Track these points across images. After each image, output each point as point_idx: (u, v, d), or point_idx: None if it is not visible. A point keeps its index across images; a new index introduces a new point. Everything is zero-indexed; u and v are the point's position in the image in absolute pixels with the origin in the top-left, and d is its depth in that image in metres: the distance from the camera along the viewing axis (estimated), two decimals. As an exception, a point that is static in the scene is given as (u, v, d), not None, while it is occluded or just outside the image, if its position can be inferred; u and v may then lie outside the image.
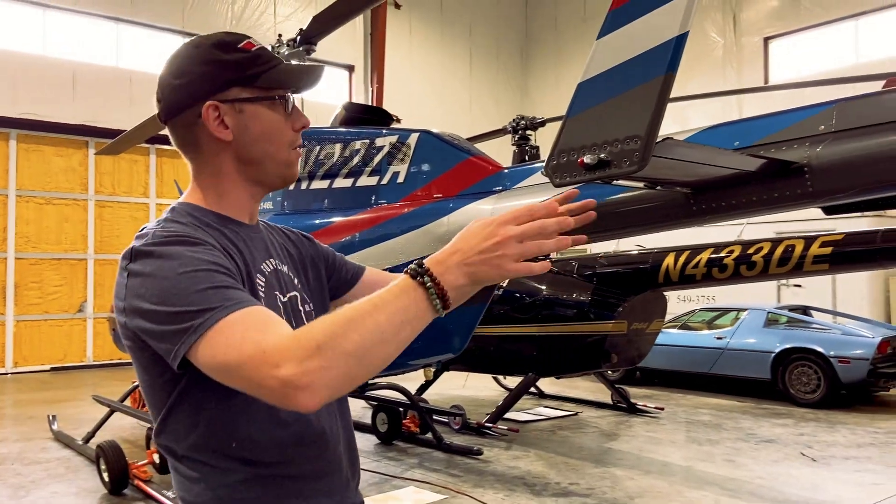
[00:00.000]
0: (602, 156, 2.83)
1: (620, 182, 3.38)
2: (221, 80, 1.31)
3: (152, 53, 13.67)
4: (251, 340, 1.03)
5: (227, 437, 1.23)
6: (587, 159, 2.86)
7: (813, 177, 3.29)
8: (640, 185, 3.72)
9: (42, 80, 12.28)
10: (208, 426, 1.23)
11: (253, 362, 1.02)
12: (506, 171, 5.51)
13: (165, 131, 1.40)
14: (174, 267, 1.13)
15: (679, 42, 2.56)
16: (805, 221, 9.56)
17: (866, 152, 3.17)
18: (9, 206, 12.52)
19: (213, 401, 1.21)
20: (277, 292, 1.35)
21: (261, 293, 1.30)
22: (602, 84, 2.84)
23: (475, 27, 18.90)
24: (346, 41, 15.70)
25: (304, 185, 6.43)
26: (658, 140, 2.74)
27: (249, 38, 1.36)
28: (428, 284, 1.08)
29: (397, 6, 16.67)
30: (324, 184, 6.31)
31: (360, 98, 16.49)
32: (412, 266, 1.11)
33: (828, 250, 6.13)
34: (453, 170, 5.71)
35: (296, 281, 1.44)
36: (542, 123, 8.83)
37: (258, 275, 1.32)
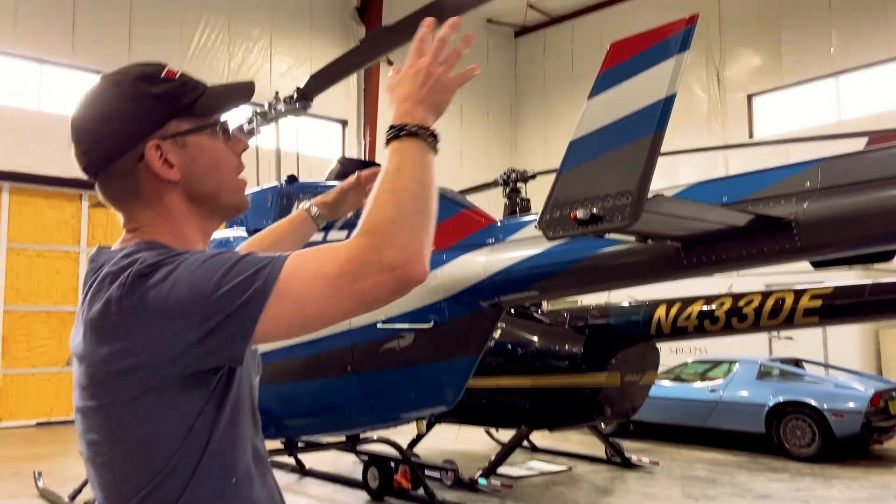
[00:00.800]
0: (594, 210, 2.90)
1: (612, 235, 3.45)
2: (158, 116, 1.21)
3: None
4: (328, 259, 1.05)
5: None
6: (580, 214, 2.93)
7: (800, 232, 3.37)
8: (632, 238, 3.79)
9: (36, 133, 12.41)
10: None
11: (350, 271, 1.04)
12: (498, 223, 5.58)
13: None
14: (194, 262, 1.06)
15: (667, 103, 2.66)
16: (794, 274, 9.66)
17: (851, 209, 3.26)
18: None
19: (229, 417, 1.14)
20: None
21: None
22: (593, 142, 2.93)
23: (465, 84, 19.31)
24: (340, 96, 15.99)
25: (298, 238, 6.47)
26: (648, 196, 2.82)
27: (166, 64, 1.28)
28: (421, 133, 1.19)
29: (390, 63, 17.05)
30: (317, 236, 6.35)
31: (353, 151, 16.71)
32: (391, 131, 1.20)
33: (818, 303, 6.19)
34: (446, 222, 5.77)
35: None
36: (533, 176, 8.97)
37: None
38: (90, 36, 13.33)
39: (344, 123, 17.06)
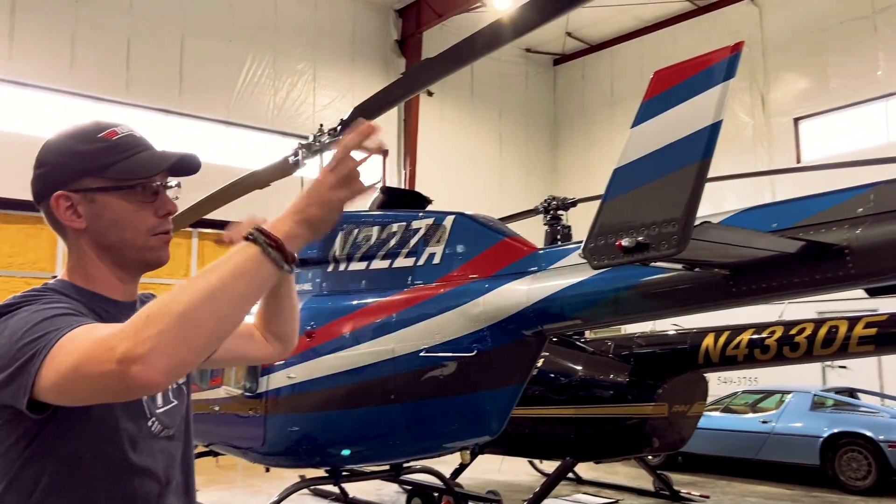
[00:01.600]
0: (640, 239, 2.88)
1: (658, 264, 3.41)
2: (73, 171, 1.35)
3: (194, 145, 14.29)
4: (90, 339, 1.06)
5: None
6: (625, 242, 2.91)
7: (853, 259, 3.29)
8: (678, 266, 3.74)
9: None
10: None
11: (92, 354, 1.03)
12: (540, 252, 5.57)
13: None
14: (28, 311, 1.18)
15: (713, 130, 2.64)
16: (848, 301, 9.39)
17: (907, 234, 3.17)
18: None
19: (58, 471, 1.20)
20: None
21: None
22: (638, 169, 2.92)
23: (504, 112, 19.43)
24: (381, 126, 16.22)
25: (342, 267, 6.56)
26: (696, 223, 2.79)
27: (117, 126, 1.41)
28: (259, 239, 1.13)
29: (430, 94, 17.28)
30: (361, 265, 6.43)
31: (394, 181, 16.89)
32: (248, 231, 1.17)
33: (872, 331, 6.00)
34: (488, 251, 5.79)
35: None
36: (574, 203, 8.94)
37: None
38: (143, 76, 13.83)
39: (385, 153, 17.29)
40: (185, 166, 1.42)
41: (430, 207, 7.24)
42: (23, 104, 12.86)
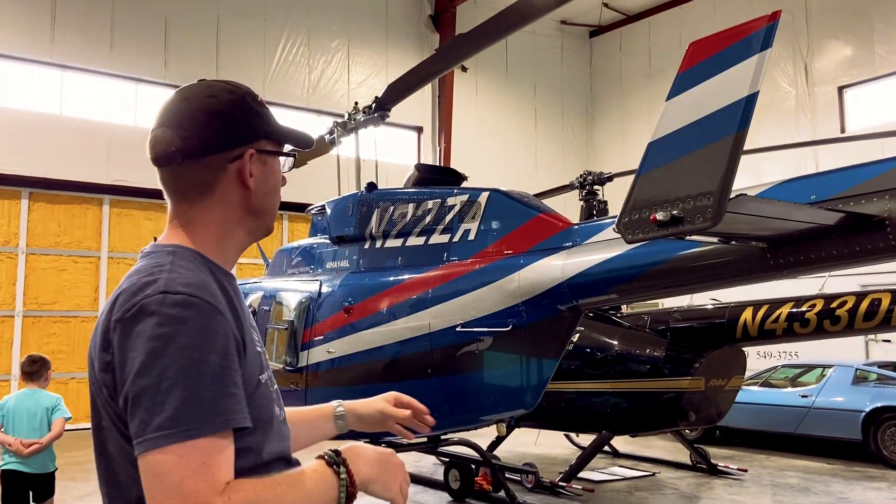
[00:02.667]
0: (674, 212, 2.87)
1: (693, 238, 3.40)
2: (259, 130, 1.34)
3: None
4: (191, 481, 1.05)
5: None
6: (659, 216, 2.91)
7: (894, 230, 3.23)
8: (714, 240, 3.72)
9: (134, 147, 13.15)
10: None
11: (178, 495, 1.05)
12: (575, 227, 5.57)
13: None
14: (186, 346, 1.10)
15: (749, 101, 2.61)
16: (893, 273, 9.17)
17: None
18: (101, 267, 13.27)
19: None
20: (261, 349, 1.37)
21: (258, 347, 1.33)
22: (673, 143, 2.91)
23: (540, 86, 19.22)
24: (415, 103, 16.20)
25: (378, 244, 6.64)
26: (731, 196, 2.77)
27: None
28: (342, 476, 1.21)
29: (464, 69, 17.17)
30: (397, 242, 6.50)
31: (429, 157, 16.90)
32: (329, 453, 1.24)
33: (917, 304, 5.88)
34: (523, 227, 5.80)
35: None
36: (610, 178, 8.87)
37: (253, 330, 1.33)
38: (180, 55, 14.03)
39: (419, 130, 17.29)
40: (306, 145, 1.46)
41: (464, 184, 7.27)
42: (67, 86, 13.16)
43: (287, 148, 1.43)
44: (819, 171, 3.82)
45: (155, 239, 1.41)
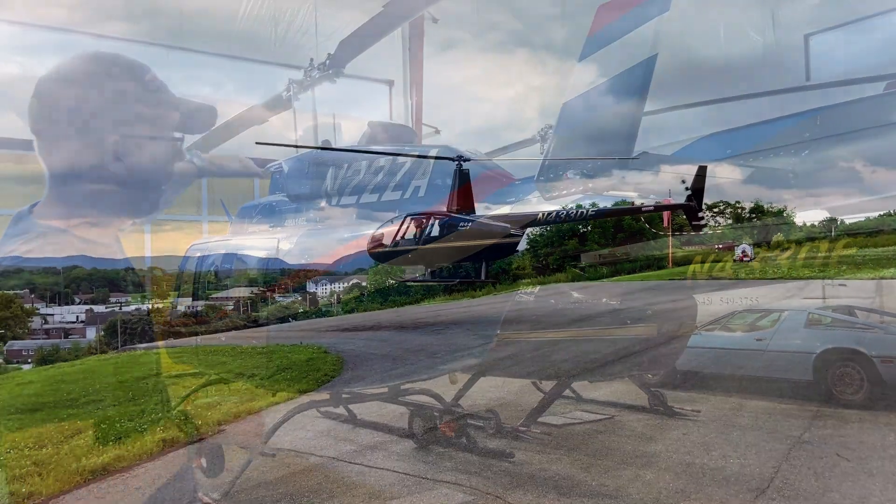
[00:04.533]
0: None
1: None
2: None
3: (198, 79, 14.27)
4: None
5: None
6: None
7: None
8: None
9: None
10: None
11: None
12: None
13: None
14: None
15: (649, 62, 2.72)
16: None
17: None
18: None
19: None
20: None
21: None
22: (586, 103, 3.03)
23: (511, 33, 19.09)
24: (385, 57, 16.06)
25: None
26: (634, 155, 2.91)
27: None
28: None
29: (434, 21, 16.98)
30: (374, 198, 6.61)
31: (400, 111, 16.83)
32: None
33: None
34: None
35: None
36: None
37: None
38: (145, 12, 13.77)
39: (390, 84, 17.16)
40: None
41: (436, 138, 7.35)
42: None
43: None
44: (732, 128, 3.96)
45: None
